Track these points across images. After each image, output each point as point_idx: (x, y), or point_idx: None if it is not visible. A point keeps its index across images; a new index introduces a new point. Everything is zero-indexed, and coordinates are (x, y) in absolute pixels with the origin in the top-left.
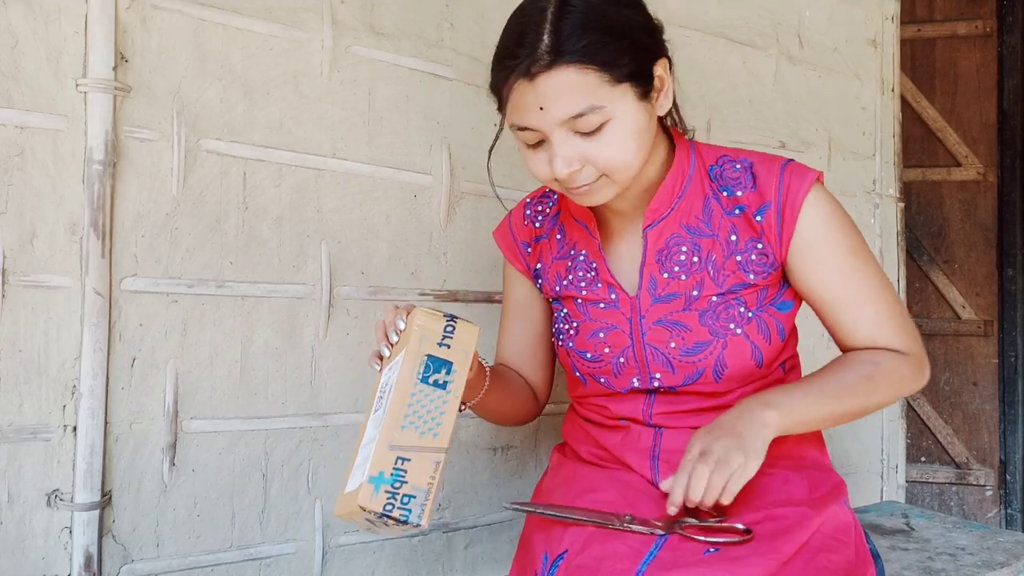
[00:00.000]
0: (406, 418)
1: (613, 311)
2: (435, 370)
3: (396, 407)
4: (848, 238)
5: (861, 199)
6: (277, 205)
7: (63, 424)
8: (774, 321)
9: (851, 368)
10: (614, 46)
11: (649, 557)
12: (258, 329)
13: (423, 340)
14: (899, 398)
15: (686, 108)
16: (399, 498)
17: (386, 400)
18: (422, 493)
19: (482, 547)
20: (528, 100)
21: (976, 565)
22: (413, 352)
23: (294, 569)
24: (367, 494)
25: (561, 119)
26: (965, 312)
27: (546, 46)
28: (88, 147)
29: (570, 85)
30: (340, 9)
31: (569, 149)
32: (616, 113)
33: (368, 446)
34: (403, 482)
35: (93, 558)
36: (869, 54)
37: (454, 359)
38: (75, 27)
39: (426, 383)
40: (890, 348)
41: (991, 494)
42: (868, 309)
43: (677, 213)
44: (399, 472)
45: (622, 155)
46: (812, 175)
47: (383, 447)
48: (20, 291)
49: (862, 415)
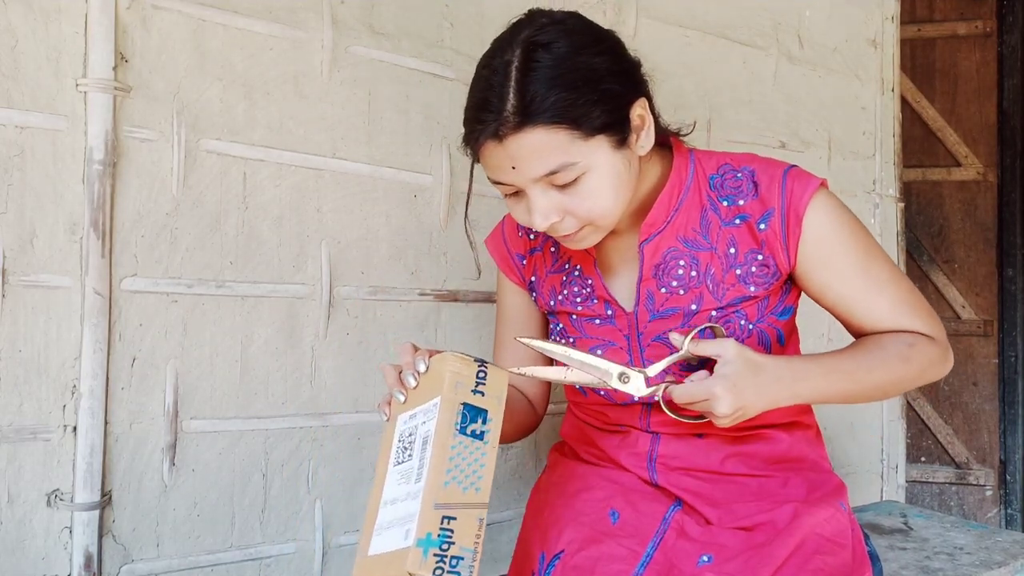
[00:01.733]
0: (448, 473)
1: (610, 327)
2: (471, 420)
3: (437, 462)
4: (857, 238)
5: (861, 199)
6: (277, 205)
7: (63, 424)
8: (774, 330)
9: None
10: (584, 100)
11: (646, 559)
12: (258, 329)
13: (458, 388)
14: (921, 384)
15: (686, 108)
16: (447, 560)
17: (418, 453)
18: (469, 554)
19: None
20: (500, 160)
21: (974, 565)
22: (449, 401)
23: (294, 569)
24: (416, 560)
25: (534, 177)
26: (965, 312)
27: (512, 107)
28: (88, 147)
29: (540, 145)
30: (340, 9)
31: (546, 203)
32: (592, 166)
33: (399, 504)
34: (450, 543)
35: (93, 558)
36: (869, 54)
37: (489, 407)
38: (75, 27)
39: (464, 434)
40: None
41: (991, 494)
42: (885, 297)
43: (674, 226)
44: (446, 533)
45: (602, 205)
46: (816, 181)
47: (428, 506)
48: (20, 291)
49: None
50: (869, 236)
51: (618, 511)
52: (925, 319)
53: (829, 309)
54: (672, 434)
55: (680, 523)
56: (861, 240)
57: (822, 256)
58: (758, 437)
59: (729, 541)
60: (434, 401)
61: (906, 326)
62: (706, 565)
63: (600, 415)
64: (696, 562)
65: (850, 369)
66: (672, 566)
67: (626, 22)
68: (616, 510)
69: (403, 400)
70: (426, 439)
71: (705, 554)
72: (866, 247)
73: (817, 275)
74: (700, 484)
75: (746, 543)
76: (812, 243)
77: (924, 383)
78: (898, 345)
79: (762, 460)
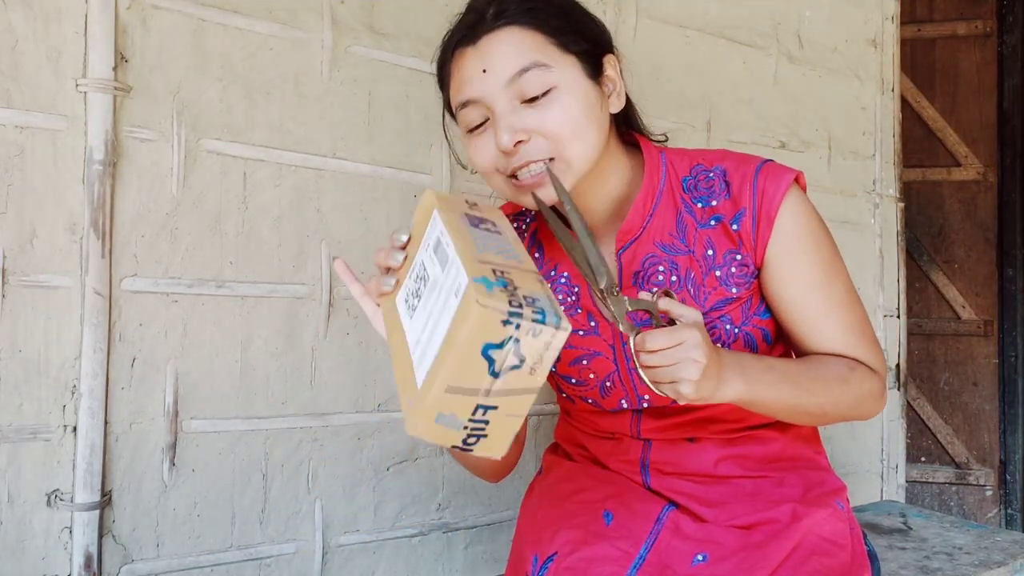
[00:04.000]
0: (476, 244)
1: (594, 338)
2: (478, 223)
3: (462, 241)
4: (821, 249)
5: (861, 199)
6: (277, 205)
7: (63, 424)
8: (759, 330)
9: (830, 367)
10: (561, 17)
11: (639, 560)
12: (258, 329)
13: (453, 204)
14: (855, 417)
15: (686, 108)
16: (520, 298)
17: (434, 269)
18: (543, 297)
19: (482, 547)
20: (472, 65)
21: (973, 564)
22: (448, 212)
23: (294, 569)
24: (481, 292)
25: (505, 78)
26: (965, 312)
27: (491, 13)
28: (88, 147)
29: (513, 41)
30: (340, 9)
31: (514, 119)
32: (562, 80)
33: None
34: (515, 287)
35: (93, 558)
36: (869, 54)
37: (493, 218)
38: (75, 27)
39: (475, 227)
40: (859, 360)
41: (991, 494)
42: (838, 319)
43: (650, 232)
44: (504, 280)
45: (572, 124)
46: (788, 177)
47: (469, 261)
48: (20, 291)
49: (817, 419)
50: (835, 249)
51: (612, 512)
52: (871, 350)
53: (780, 316)
54: (664, 439)
55: (675, 522)
56: (827, 253)
57: (786, 263)
58: (751, 438)
59: (725, 539)
60: (431, 221)
61: (851, 353)
62: (700, 564)
63: (591, 423)
64: (690, 561)
65: (794, 376)
66: (666, 566)
67: (626, 22)
68: (610, 511)
69: (394, 282)
70: (438, 242)
71: (700, 553)
72: (831, 261)
73: (779, 279)
74: (694, 487)
75: (742, 541)
76: (779, 247)
77: (856, 416)
78: (839, 367)
79: (756, 461)
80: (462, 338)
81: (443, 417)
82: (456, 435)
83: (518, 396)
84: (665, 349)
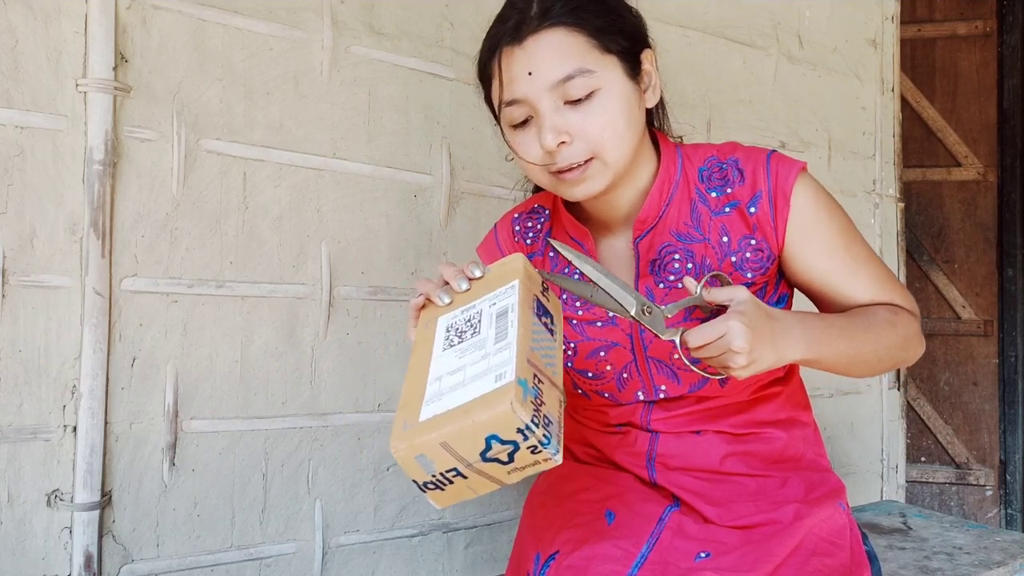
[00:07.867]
0: (534, 338)
1: (612, 328)
2: (543, 313)
3: (524, 324)
4: (838, 217)
5: (861, 199)
6: (277, 205)
7: (63, 424)
8: None
9: (877, 313)
10: (603, 16)
11: (640, 559)
12: (258, 329)
13: (531, 281)
14: (903, 360)
15: (686, 108)
16: (541, 417)
17: (491, 325)
18: (556, 423)
19: (482, 547)
20: (517, 66)
21: (973, 564)
22: (526, 287)
23: (294, 569)
24: (518, 395)
25: (550, 82)
26: (965, 312)
27: (535, 11)
28: (88, 147)
29: (559, 45)
30: (340, 9)
31: (558, 119)
32: (605, 83)
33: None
34: (542, 402)
35: (93, 558)
36: (869, 54)
37: (553, 312)
38: (75, 27)
39: (539, 319)
40: (897, 305)
41: (991, 494)
42: (866, 274)
43: (665, 221)
44: (537, 389)
45: (612, 128)
46: (798, 163)
47: (522, 357)
48: (20, 291)
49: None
50: (846, 216)
51: (614, 512)
52: (904, 295)
53: (812, 287)
54: (671, 433)
55: (678, 523)
56: (842, 219)
57: (809, 233)
58: (756, 436)
59: (728, 539)
60: (509, 285)
61: (887, 300)
62: (703, 560)
63: (601, 415)
64: (693, 559)
65: (846, 327)
66: (668, 564)
67: None
68: (612, 511)
69: (447, 302)
70: (505, 311)
71: (703, 551)
72: (847, 225)
73: (804, 252)
74: (699, 483)
75: (745, 540)
76: (799, 220)
77: (906, 358)
78: (884, 312)
79: (761, 460)
80: (480, 418)
81: (423, 458)
82: (422, 476)
83: (487, 480)
84: (709, 343)
